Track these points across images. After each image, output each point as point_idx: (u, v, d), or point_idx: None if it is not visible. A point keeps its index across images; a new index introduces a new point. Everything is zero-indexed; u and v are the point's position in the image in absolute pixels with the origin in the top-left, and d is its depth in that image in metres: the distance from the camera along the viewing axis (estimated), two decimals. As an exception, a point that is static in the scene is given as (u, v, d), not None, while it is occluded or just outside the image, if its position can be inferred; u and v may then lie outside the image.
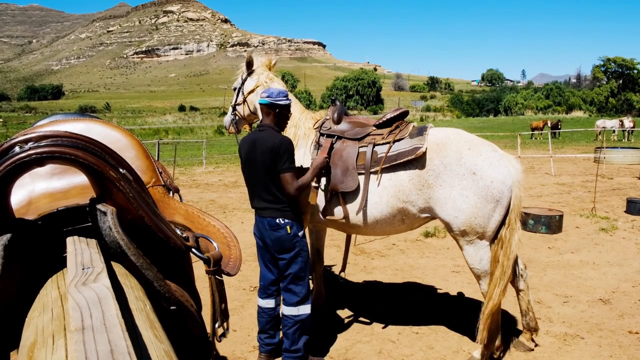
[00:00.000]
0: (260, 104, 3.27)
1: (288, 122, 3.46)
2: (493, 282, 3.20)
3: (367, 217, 3.45)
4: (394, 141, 3.41)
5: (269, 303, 3.47)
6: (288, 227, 3.18)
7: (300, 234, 3.27)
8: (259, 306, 3.51)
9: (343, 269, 4.14)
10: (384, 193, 3.38)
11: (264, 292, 3.48)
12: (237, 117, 4.20)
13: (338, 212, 3.56)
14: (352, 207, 3.48)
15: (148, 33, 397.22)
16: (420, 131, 3.38)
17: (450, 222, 3.22)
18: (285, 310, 3.31)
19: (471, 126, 39.45)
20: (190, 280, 1.43)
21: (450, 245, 6.40)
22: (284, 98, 3.23)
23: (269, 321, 3.47)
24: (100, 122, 1.69)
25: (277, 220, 3.17)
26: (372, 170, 3.41)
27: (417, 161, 3.28)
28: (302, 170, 3.33)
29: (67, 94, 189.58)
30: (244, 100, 4.09)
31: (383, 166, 3.36)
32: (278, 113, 3.24)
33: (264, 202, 3.20)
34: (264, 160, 3.10)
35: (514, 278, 3.50)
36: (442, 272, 5.50)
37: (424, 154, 3.25)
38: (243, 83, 4.10)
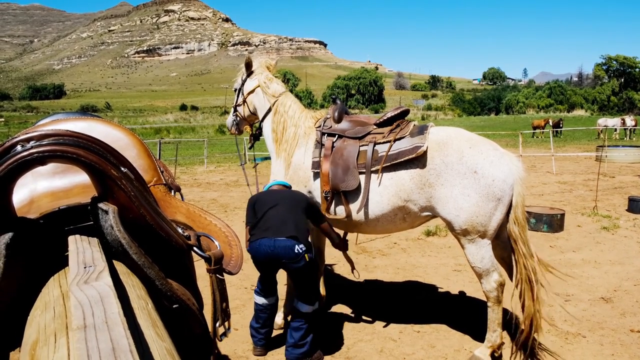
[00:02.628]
0: (278, 184, 3.65)
1: (283, 114, 3.83)
2: (528, 280, 3.22)
3: (368, 216, 3.45)
4: (395, 140, 3.40)
5: (271, 300, 3.61)
6: (306, 256, 3.26)
7: (312, 255, 3.37)
8: (259, 304, 3.60)
9: (353, 267, 4.16)
10: (385, 192, 3.38)
11: (265, 294, 3.59)
12: (238, 118, 4.21)
13: (340, 211, 3.57)
14: (354, 206, 3.48)
15: (149, 32, 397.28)
16: (421, 130, 3.38)
17: (452, 221, 3.22)
18: (303, 308, 3.40)
19: (473, 125, 39.41)
20: (192, 279, 1.43)
21: (452, 244, 6.39)
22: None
23: (270, 316, 3.62)
24: (102, 121, 1.69)
25: (296, 250, 3.20)
26: (373, 169, 3.42)
27: (418, 160, 3.28)
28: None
29: (69, 93, 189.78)
30: (244, 101, 4.10)
31: (384, 165, 3.36)
32: None
33: (282, 230, 3.26)
34: (300, 201, 3.41)
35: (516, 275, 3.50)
36: (443, 271, 5.50)
37: (425, 153, 3.25)
38: (243, 84, 4.11)
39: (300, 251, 3.20)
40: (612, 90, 65.18)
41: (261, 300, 3.59)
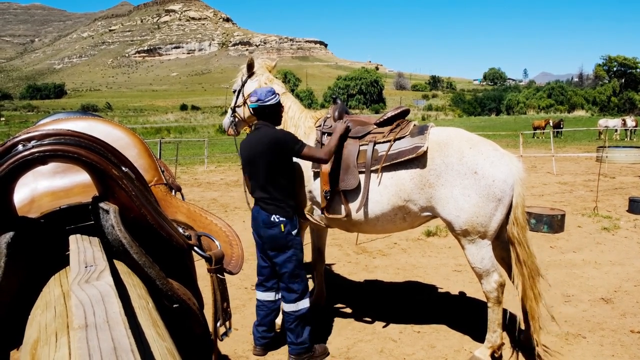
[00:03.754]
0: (251, 108, 3.40)
1: (283, 115, 3.59)
2: (526, 282, 3.21)
3: (368, 215, 3.45)
4: (395, 139, 3.40)
5: (269, 296, 3.58)
6: (282, 225, 3.25)
7: (294, 232, 3.33)
8: (258, 299, 3.62)
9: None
10: (385, 191, 3.38)
11: (262, 286, 3.58)
12: (236, 119, 4.18)
13: (339, 210, 3.56)
14: (354, 205, 3.48)
15: (150, 32, 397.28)
16: (422, 130, 3.37)
17: (452, 222, 3.22)
18: (285, 307, 3.41)
19: (473, 125, 39.41)
20: (193, 279, 1.43)
21: (452, 244, 6.39)
22: (272, 97, 3.32)
23: (268, 314, 3.59)
24: (103, 121, 1.69)
25: (272, 218, 3.24)
26: (373, 168, 3.41)
27: (418, 160, 3.27)
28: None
29: (69, 92, 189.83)
30: (245, 102, 4.08)
31: (383, 164, 3.36)
32: (268, 113, 3.35)
33: (262, 196, 3.29)
34: (264, 153, 3.20)
35: (516, 277, 3.50)
36: (443, 271, 5.50)
37: (425, 153, 3.24)
38: (243, 85, 4.08)
39: (277, 220, 3.24)
40: (613, 91, 65.18)
41: (258, 295, 3.62)
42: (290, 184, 3.36)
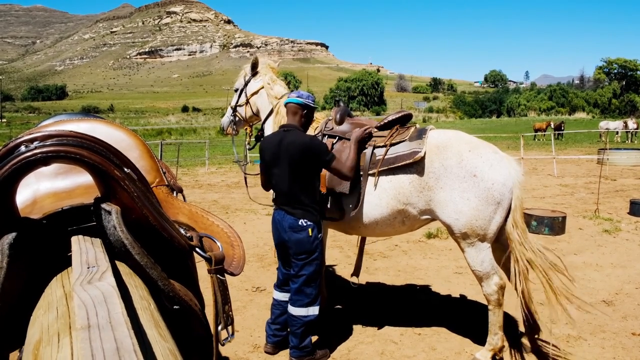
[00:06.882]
0: (291, 102, 3.31)
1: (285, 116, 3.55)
2: (543, 281, 3.22)
3: (367, 218, 3.44)
4: (392, 144, 3.39)
5: (285, 296, 3.56)
6: (310, 230, 3.23)
7: (319, 236, 3.32)
8: (274, 298, 3.62)
9: (356, 274, 4.10)
10: (383, 195, 3.37)
11: (280, 287, 3.59)
12: (237, 119, 4.17)
13: (336, 213, 3.55)
14: (350, 208, 3.47)
15: (151, 34, 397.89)
16: (420, 134, 3.36)
17: (452, 225, 3.21)
18: (294, 311, 3.36)
19: (474, 127, 39.39)
20: (194, 280, 1.43)
21: (453, 246, 6.38)
22: (311, 101, 3.32)
23: (282, 313, 3.58)
24: (105, 122, 1.70)
25: (300, 222, 3.21)
26: (371, 172, 3.41)
27: (416, 164, 3.27)
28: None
29: (71, 94, 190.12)
30: (247, 102, 4.07)
31: (380, 169, 3.35)
32: (306, 114, 3.32)
33: (288, 200, 3.25)
34: (293, 159, 3.15)
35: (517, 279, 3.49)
36: (444, 274, 5.49)
37: (423, 158, 3.23)
38: (246, 84, 4.08)
39: (305, 224, 3.21)
40: (614, 93, 65.20)
41: (275, 294, 3.62)
42: (316, 189, 3.34)
